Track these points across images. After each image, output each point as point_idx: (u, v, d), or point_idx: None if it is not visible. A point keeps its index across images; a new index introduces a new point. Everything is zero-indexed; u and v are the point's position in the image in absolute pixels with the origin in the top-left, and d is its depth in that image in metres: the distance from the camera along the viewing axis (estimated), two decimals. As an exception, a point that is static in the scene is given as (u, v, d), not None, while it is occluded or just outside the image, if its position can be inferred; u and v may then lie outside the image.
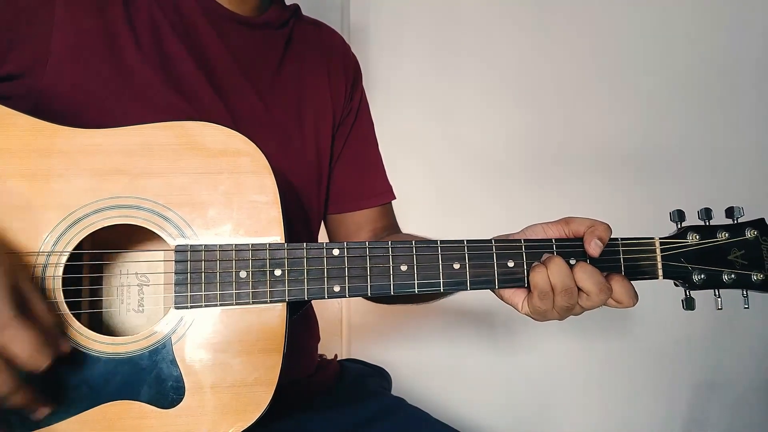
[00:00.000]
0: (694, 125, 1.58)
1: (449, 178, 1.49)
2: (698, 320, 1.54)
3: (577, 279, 0.60)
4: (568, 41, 1.54)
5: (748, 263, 0.64)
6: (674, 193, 1.51)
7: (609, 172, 1.54)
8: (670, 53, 1.58)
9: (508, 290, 0.65)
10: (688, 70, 1.58)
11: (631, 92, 1.56)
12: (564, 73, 1.53)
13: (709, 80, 1.59)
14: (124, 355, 0.57)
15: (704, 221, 0.66)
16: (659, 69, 1.57)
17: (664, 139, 1.57)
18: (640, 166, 1.55)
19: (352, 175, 0.87)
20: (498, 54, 1.51)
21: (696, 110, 1.58)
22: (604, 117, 1.55)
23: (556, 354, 1.52)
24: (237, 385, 0.58)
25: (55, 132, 0.58)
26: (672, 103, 1.58)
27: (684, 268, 0.64)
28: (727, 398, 1.59)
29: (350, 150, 0.87)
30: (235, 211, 0.60)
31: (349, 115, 0.87)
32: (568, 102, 1.53)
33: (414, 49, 1.47)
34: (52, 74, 0.64)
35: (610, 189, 1.53)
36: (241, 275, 0.59)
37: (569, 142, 1.53)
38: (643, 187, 1.54)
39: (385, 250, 0.61)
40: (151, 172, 0.59)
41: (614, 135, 1.55)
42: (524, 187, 1.50)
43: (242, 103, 0.74)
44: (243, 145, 0.61)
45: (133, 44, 0.68)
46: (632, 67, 1.56)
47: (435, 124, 1.48)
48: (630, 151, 1.56)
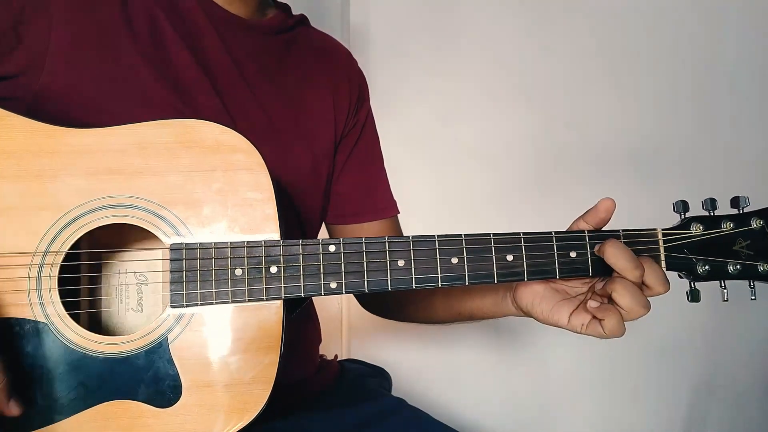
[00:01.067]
0: (695, 124, 1.56)
1: (450, 178, 1.48)
2: (698, 320, 1.53)
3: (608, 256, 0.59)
4: (569, 41, 1.52)
5: (754, 253, 0.63)
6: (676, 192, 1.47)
7: (612, 172, 1.52)
8: (672, 51, 1.56)
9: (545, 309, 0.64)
10: (690, 69, 1.56)
11: (633, 91, 1.55)
12: (566, 73, 1.52)
13: (711, 78, 1.57)
14: (120, 354, 0.56)
15: (708, 211, 0.64)
16: (661, 68, 1.55)
17: (665, 138, 1.55)
18: (642, 165, 1.54)
19: (356, 188, 0.86)
20: (499, 54, 1.50)
21: (698, 109, 1.56)
22: (607, 116, 1.53)
23: (557, 354, 1.51)
24: (234, 383, 0.58)
25: (50, 132, 0.58)
26: (674, 102, 1.56)
27: (688, 260, 0.63)
28: (727, 398, 1.57)
29: (354, 163, 0.86)
30: (230, 209, 0.59)
31: (354, 129, 0.87)
32: (570, 102, 1.52)
33: (414, 50, 1.46)
34: (50, 74, 0.64)
35: (612, 190, 1.51)
36: (237, 273, 0.58)
37: (572, 142, 1.52)
38: (645, 186, 1.52)
39: (382, 246, 0.60)
40: (146, 170, 0.59)
41: (617, 135, 1.54)
42: (525, 188, 1.49)
43: (238, 105, 0.73)
44: (237, 142, 0.60)
45: (132, 44, 0.68)
46: (634, 67, 1.55)
47: (435, 125, 1.47)
48: (633, 150, 1.54)
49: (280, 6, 0.83)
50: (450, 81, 1.48)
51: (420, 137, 1.46)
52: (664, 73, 1.55)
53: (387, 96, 1.42)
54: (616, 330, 0.60)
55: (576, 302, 0.65)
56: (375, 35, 1.45)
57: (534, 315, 0.67)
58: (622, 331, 0.60)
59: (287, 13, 0.83)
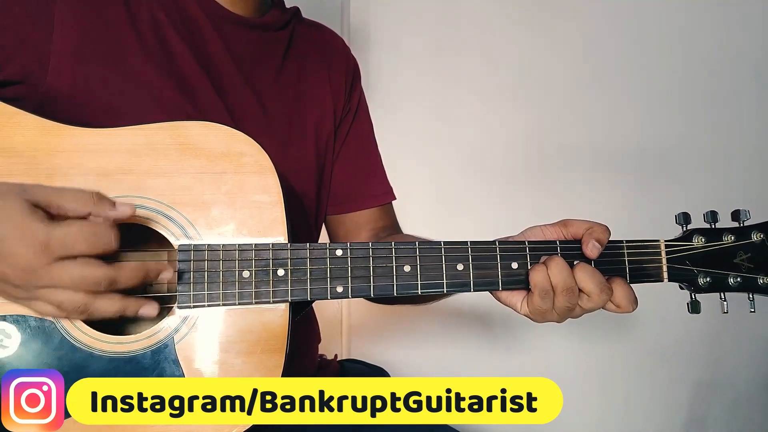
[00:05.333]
0: (694, 126, 1.57)
1: (449, 178, 1.48)
2: (698, 321, 1.51)
3: (578, 279, 0.59)
4: (568, 42, 1.53)
5: (754, 266, 0.64)
6: (675, 194, 1.50)
7: (610, 173, 1.53)
8: (671, 53, 1.57)
9: (505, 291, 0.64)
10: (689, 70, 1.57)
11: (631, 93, 1.55)
12: (565, 73, 1.53)
13: (710, 81, 1.58)
14: (127, 354, 0.57)
15: (710, 224, 0.65)
16: (659, 69, 1.56)
17: (664, 139, 1.56)
18: (641, 167, 1.54)
19: (351, 174, 0.87)
20: (498, 54, 1.50)
21: (697, 111, 1.57)
22: (606, 118, 1.54)
23: (556, 354, 1.51)
24: (239, 385, 0.58)
25: (60, 131, 0.58)
26: (672, 104, 1.56)
27: (689, 271, 0.64)
28: (727, 398, 1.58)
29: (349, 149, 0.87)
30: (238, 211, 0.60)
31: (348, 115, 0.87)
32: (569, 102, 1.53)
33: (414, 49, 1.47)
34: (55, 76, 0.64)
35: (611, 190, 1.53)
36: (244, 275, 0.59)
37: (570, 143, 1.52)
38: (644, 188, 1.53)
39: (389, 251, 0.61)
40: (155, 171, 0.59)
41: (615, 136, 1.54)
42: (525, 188, 1.50)
43: (241, 104, 0.73)
44: (246, 145, 0.61)
45: (136, 44, 0.68)
46: (633, 68, 1.55)
47: (435, 125, 1.47)
48: (631, 151, 1.55)
49: (275, 2, 0.83)
50: (450, 81, 1.48)
51: (419, 137, 1.47)
52: (663, 74, 1.56)
53: (387, 96, 1.43)
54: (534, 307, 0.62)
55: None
56: (375, 35, 1.46)
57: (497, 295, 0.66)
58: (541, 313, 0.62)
59: (282, 8, 0.83)
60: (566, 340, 1.51)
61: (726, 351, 1.57)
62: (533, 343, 1.51)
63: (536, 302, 0.61)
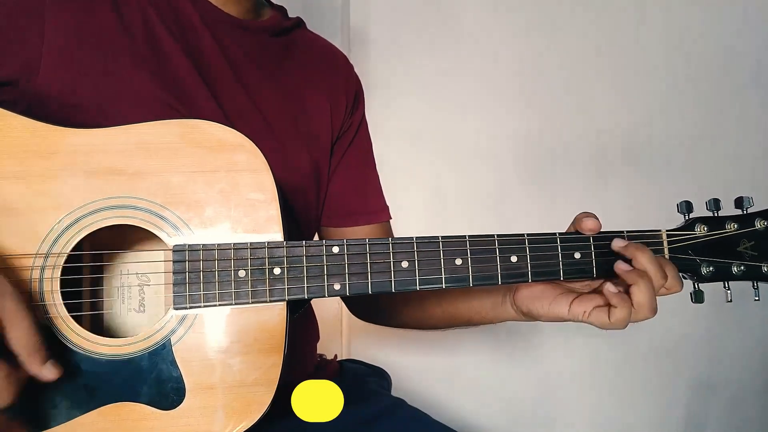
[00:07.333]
0: (695, 122, 1.56)
1: (449, 176, 1.47)
2: (698, 320, 1.53)
3: (641, 263, 0.59)
4: (569, 39, 1.52)
5: (758, 254, 0.63)
6: (677, 191, 1.48)
7: (611, 170, 1.52)
8: (672, 48, 1.55)
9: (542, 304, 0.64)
10: (690, 65, 1.56)
11: (632, 89, 1.54)
12: (565, 71, 1.51)
13: (711, 76, 1.57)
14: (123, 356, 0.56)
15: (712, 212, 0.64)
16: (660, 65, 1.55)
17: (665, 136, 1.55)
18: (642, 164, 1.54)
19: (348, 190, 0.86)
20: (498, 53, 1.49)
21: (698, 107, 1.56)
22: (606, 115, 1.53)
23: (556, 355, 1.51)
24: (238, 385, 0.57)
25: (50, 132, 0.58)
26: (674, 100, 1.55)
27: (692, 261, 0.63)
28: (727, 398, 1.58)
29: (347, 165, 0.86)
30: (233, 210, 0.59)
31: (349, 131, 0.86)
32: (569, 100, 1.52)
33: (414, 50, 1.46)
34: (45, 77, 0.63)
35: (613, 187, 1.52)
36: (240, 274, 0.58)
37: (571, 141, 1.51)
38: (646, 185, 1.52)
39: (386, 247, 0.60)
40: (147, 171, 0.58)
41: (615, 133, 1.53)
42: (525, 186, 1.49)
43: (234, 104, 0.72)
44: (240, 142, 0.60)
45: (128, 44, 0.67)
46: (633, 64, 1.54)
47: (435, 125, 1.46)
48: (633, 148, 1.54)
49: (276, 8, 0.82)
50: (449, 80, 1.47)
51: (419, 136, 1.46)
52: (665, 71, 1.55)
53: (386, 95, 1.42)
54: (621, 321, 0.60)
55: (575, 293, 0.65)
56: (375, 35, 1.45)
57: (534, 312, 0.67)
58: (626, 324, 0.60)
59: (283, 16, 0.82)
60: (567, 341, 1.51)
61: (725, 351, 1.57)
62: (533, 343, 1.50)
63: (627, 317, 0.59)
